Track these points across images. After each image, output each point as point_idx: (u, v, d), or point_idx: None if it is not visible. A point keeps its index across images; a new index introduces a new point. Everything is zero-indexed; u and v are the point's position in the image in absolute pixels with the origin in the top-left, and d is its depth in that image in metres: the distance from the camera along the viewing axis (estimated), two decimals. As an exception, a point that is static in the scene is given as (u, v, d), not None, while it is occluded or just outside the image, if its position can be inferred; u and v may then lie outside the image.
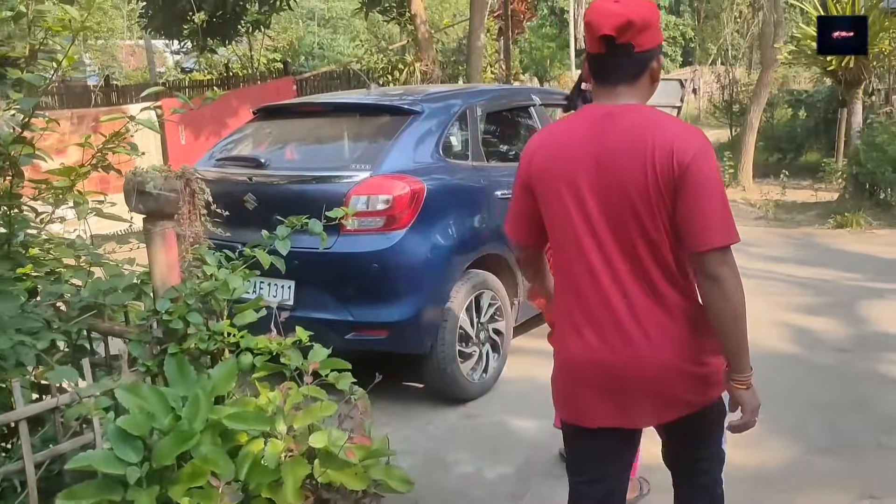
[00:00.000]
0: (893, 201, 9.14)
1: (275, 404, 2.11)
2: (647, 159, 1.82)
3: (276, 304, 3.84)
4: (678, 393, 1.93)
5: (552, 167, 1.95)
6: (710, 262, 1.84)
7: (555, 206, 1.96)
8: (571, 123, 2.00)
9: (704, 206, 1.82)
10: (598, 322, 1.93)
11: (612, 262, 1.90)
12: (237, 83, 14.96)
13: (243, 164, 4.31)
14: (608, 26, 1.85)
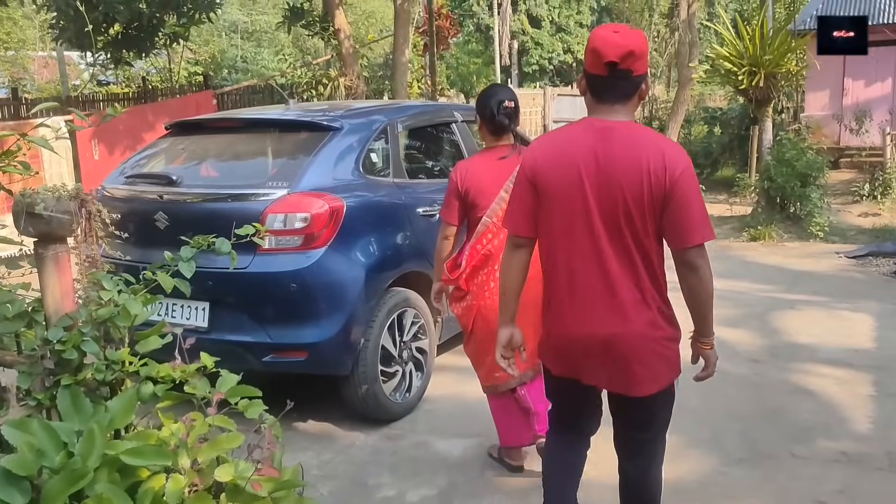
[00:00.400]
0: (802, 215, 9.52)
1: (178, 437, 1.99)
2: (643, 171, 2.20)
3: (191, 327, 3.74)
4: (642, 365, 2.33)
5: (557, 168, 2.29)
6: (692, 255, 2.26)
7: (558, 201, 2.30)
8: (574, 132, 2.34)
9: (689, 212, 2.24)
10: (591, 304, 2.32)
11: (606, 256, 2.27)
12: (155, 97, 14.55)
13: (154, 182, 4.15)
14: (613, 54, 2.19)
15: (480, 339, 3.35)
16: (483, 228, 3.30)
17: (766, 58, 10.15)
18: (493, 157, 3.33)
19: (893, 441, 3.74)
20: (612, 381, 2.40)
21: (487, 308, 3.29)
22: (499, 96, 3.35)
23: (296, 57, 28.21)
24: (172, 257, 2.22)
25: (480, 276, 3.35)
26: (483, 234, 3.31)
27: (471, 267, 3.34)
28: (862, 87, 14.53)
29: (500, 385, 3.41)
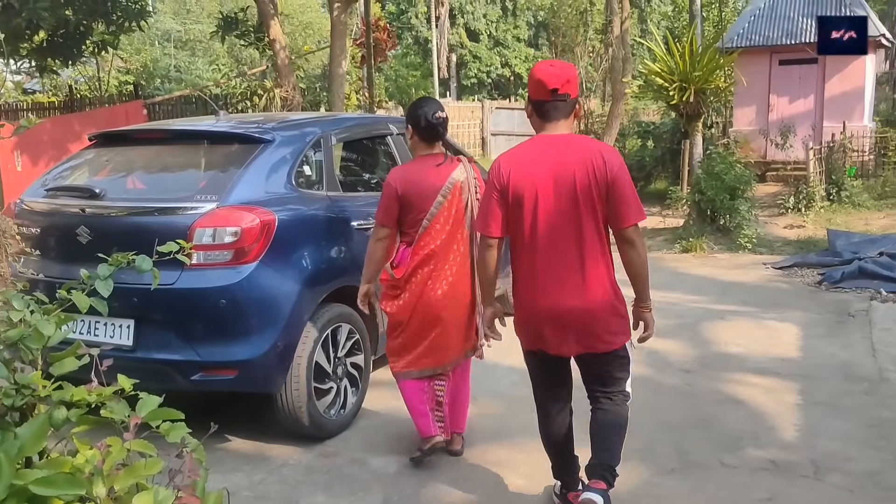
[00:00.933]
0: (732, 227, 9.78)
1: (93, 464, 1.90)
2: (589, 170, 2.81)
3: (113, 346, 3.60)
4: (602, 327, 2.92)
5: (522, 178, 2.86)
6: (630, 233, 2.86)
7: (526, 206, 2.86)
8: (531, 148, 2.94)
9: (626, 199, 2.84)
10: (561, 284, 2.88)
11: (568, 244, 2.86)
12: (83, 106, 14.13)
13: (77, 195, 4.01)
14: (554, 83, 2.85)
15: (417, 330, 3.61)
16: (423, 231, 3.54)
17: (695, 74, 10.43)
18: (429, 163, 3.59)
19: (818, 449, 3.85)
20: (582, 344, 2.94)
21: (426, 304, 3.56)
22: (431, 107, 3.61)
23: (231, 67, 27.79)
24: (89, 275, 2.12)
25: (419, 274, 3.57)
26: (424, 236, 3.55)
27: (412, 266, 3.56)
28: (786, 104, 15.08)
29: (426, 370, 3.67)
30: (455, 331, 3.64)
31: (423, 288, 3.56)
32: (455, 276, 3.60)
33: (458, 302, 3.61)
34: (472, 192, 3.61)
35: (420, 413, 3.71)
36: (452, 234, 3.57)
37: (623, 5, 12.57)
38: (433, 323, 3.58)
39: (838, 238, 8.96)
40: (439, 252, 3.54)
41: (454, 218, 3.56)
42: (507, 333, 5.69)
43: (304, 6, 32.43)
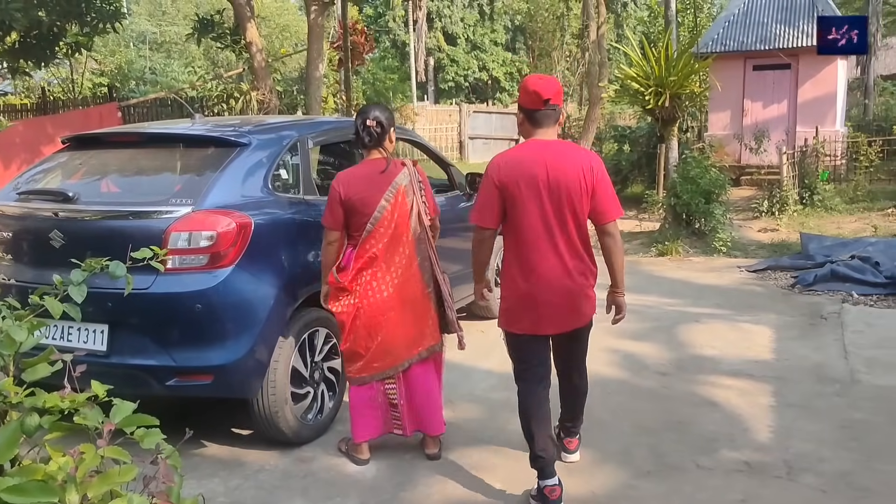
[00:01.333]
0: (707, 230, 9.88)
1: (66, 471, 1.87)
2: (579, 171, 3.21)
3: (86, 352, 3.56)
4: (581, 307, 3.35)
5: (519, 177, 3.22)
6: (610, 227, 3.32)
7: (520, 201, 3.22)
8: (526, 150, 3.29)
9: (609, 198, 3.29)
10: (550, 271, 3.26)
11: (555, 234, 3.24)
12: (57, 108, 13.97)
13: (49, 198, 3.95)
14: (547, 93, 3.23)
15: (362, 336, 3.67)
16: (367, 234, 3.62)
17: (671, 79, 10.52)
18: (372, 168, 3.69)
19: (791, 450, 3.89)
20: (563, 323, 3.36)
21: (371, 306, 3.65)
22: (364, 115, 3.73)
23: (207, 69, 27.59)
24: (62, 281, 2.09)
25: (364, 276, 3.65)
26: (368, 240, 3.62)
27: (356, 269, 3.63)
28: (760, 109, 15.27)
29: (376, 374, 3.73)
30: (403, 333, 3.70)
31: (367, 290, 3.64)
32: (401, 279, 3.68)
33: (405, 304, 3.69)
34: (416, 194, 3.71)
35: (360, 415, 3.78)
36: (397, 237, 3.66)
37: (599, 10, 12.67)
38: (379, 326, 3.65)
39: (811, 241, 9.08)
40: (383, 255, 3.63)
41: (398, 221, 3.65)
42: (483, 340, 5.71)
43: (281, 9, 32.32)
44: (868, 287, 7.14)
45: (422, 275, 3.74)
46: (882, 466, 3.69)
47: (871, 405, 4.47)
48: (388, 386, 3.78)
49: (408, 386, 3.79)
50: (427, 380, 3.84)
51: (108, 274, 2.17)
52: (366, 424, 3.79)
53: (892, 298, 6.85)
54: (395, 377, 3.77)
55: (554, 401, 3.56)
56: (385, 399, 3.80)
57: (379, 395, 3.79)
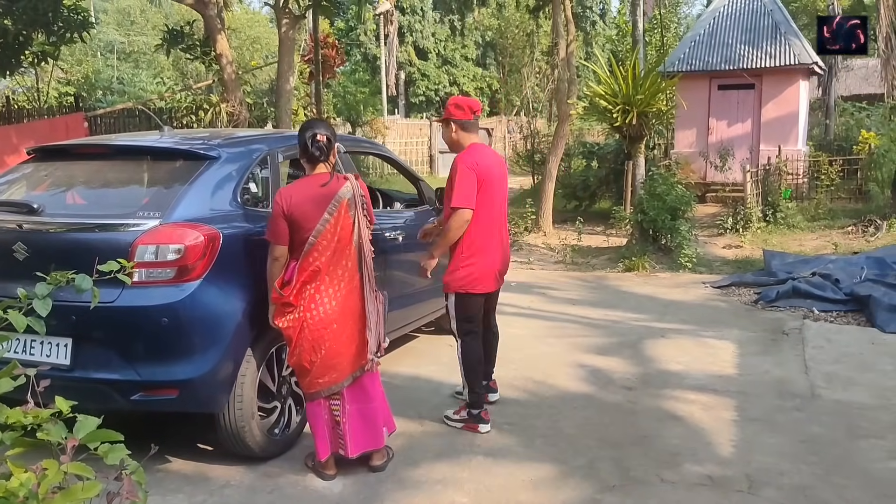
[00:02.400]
0: (673, 246, 10.02)
1: (27, 487, 1.85)
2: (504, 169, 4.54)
3: (49, 366, 3.52)
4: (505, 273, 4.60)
5: (486, 168, 4.30)
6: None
7: (487, 188, 4.28)
8: (481, 149, 4.39)
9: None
10: (501, 245, 4.46)
11: (503, 215, 4.50)
12: (21, 117, 13.74)
13: (13, 210, 3.90)
14: (475, 108, 4.42)
15: (307, 349, 3.66)
16: (310, 248, 3.61)
17: (638, 97, 10.69)
18: (314, 183, 3.69)
19: (753, 464, 3.96)
20: (500, 283, 4.58)
21: (315, 320, 3.64)
22: (313, 130, 3.75)
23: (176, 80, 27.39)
24: (26, 294, 2.07)
25: (308, 290, 3.65)
26: (310, 253, 3.62)
27: (300, 283, 3.63)
28: (725, 127, 15.57)
29: (322, 391, 3.72)
30: (346, 347, 3.71)
31: (311, 304, 3.64)
32: (344, 291, 3.70)
33: (347, 317, 3.70)
34: (358, 208, 3.71)
35: (318, 434, 3.78)
36: (340, 251, 3.67)
37: (569, 28, 12.81)
38: (323, 339, 3.65)
39: (774, 258, 9.26)
40: (326, 268, 3.64)
41: (341, 234, 3.66)
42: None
43: (252, 21, 32.22)
44: (828, 304, 7.30)
45: (362, 289, 3.76)
46: (840, 480, 3.77)
47: (830, 419, 4.56)
48: (332, 403, 3.76)
49: (351, 401, 3.77)
50: (371, 392, 3.84)
51: (73, 287, 2.16)
52: (322, 437, 3.78)
53: (852, 315, 7.01)
54: (339, 394, 3.74)
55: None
56: (330, 417, 3.77)
57: (325, 413, 3.76)
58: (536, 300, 7.86)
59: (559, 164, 13.55)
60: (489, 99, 39.04)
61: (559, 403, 4.86)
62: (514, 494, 3.65)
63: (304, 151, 3.75)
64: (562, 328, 6.70)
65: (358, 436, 3.78)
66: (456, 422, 4.49)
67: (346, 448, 3.77)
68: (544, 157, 15.29)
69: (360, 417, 3.79)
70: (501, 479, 3.80)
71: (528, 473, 3.86)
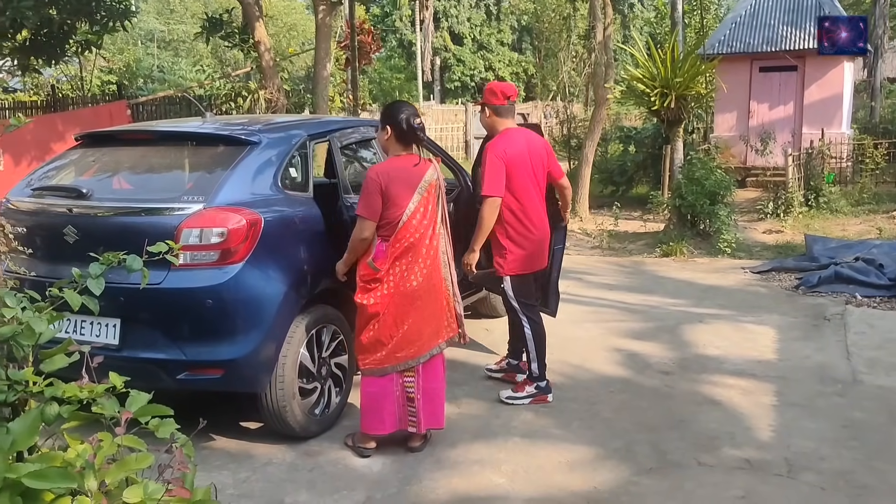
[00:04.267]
0: (711, 231, 9.91)
1: (84, 458, 1.93)
2: (543, 148, 4.61)
3: (100, 345, 3.63)
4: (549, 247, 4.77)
5: (518, 157, 4.42)
6: (564, 180, 4.76)
7: (521, 177, 4.43)
8: (514, 134, 4.49)
9: (558, 163, 4.77)
10: (540, 223, 4.56)
11: (539, 196, 4.56)
12: (66, 105, 14.05)
13: (63, 194, 4.02)
14: (509, 93, 4.54)
15: (389, 324, 3.77)
16: (402, 225, 3.74)
17: (676, 80, 10.53)
18: (406, 164, 3.82)
19: (792, 448, 3.94)
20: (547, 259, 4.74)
21: (402, 295, 3.77)
22: (408, 112, 3.86)
23: (215, 68, 27.70)
24: (80, 274, 2.16)
25: (399, 266, 3.77)
26: (403, 230, 3.74)
27: (392, 258, 3.75)
28: (766, 110, 15.29)
29: (399, 364, 3.82)
30: (427, 322, 3.83)
31: (399, 280, 3.77)
32: (429, 269, 3.83)
33: (430, 294, 3.84)
34: (441, 190, 3.94)
35: (373, 408, 3.86)
36: (427, 229, 3.82)
37: (606, 11, 12.68)
38: (407, 314, 3.78)
39: (815, 243, 9.11)
40: (417, 245, 3.77)
41: (429, 214, 3.82)
42: (489, 338, 5.77)
43: (289, 8, 32.43)
44: (871, 289, 7.17)
45: (442, 268, 3.92)
46: (882, 465, 3.74)
47: (872, 405, 4.51)
48: (406, 379, 3.86)
49: (425, 378, 3.88)
50: (440, 373, 3.97)
51: (124, 268, 2.23)
52: (378, 418, 3.85)
53: (895, 300, 6.88)
54: (414, 370, 3.84)
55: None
56: (403, 393, 3.86)
57: (396, 389, 3.86)
58: (573, 285, 7.83)
59: (596, 149, 13.45)
60: (525, 84, 38.80)
61: (596, 387, 4.87)
62: (550, 475, 3.68)
63: (402, 133, 3.82)
64: (598, 313, 6.69)
65: (428, 413, 3.89)
66: (522, 398, 4.56)
67: (418, 424, 3.87)
68: (580, 141, 15.18)
69: (429, 395, 3.90)
70: (538, 460, 3.84)
71: (565, 455, 3.89)
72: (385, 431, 3.88)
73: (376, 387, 3.84)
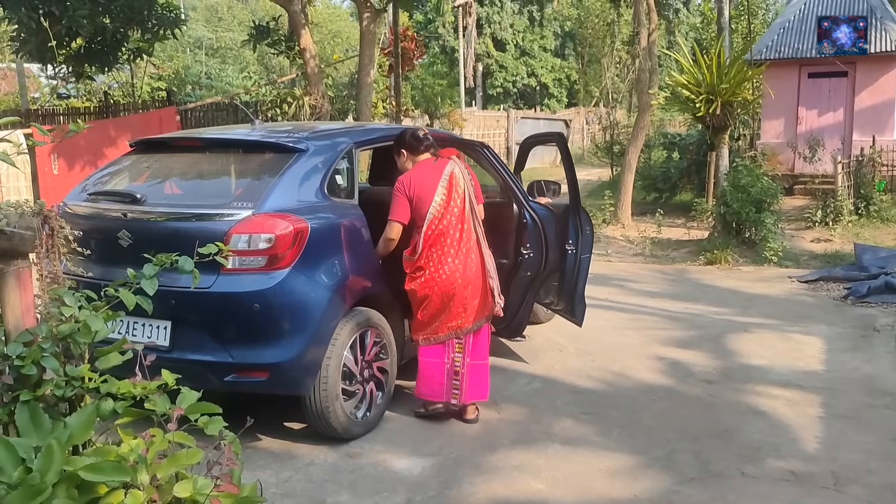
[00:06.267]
0: (757, 239, 9.76)
1: (137, 453, 2.01)
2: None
3: (152, 346, 3.73)
4: None
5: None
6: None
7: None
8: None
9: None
10: None
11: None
12: (117, 111, 14.42)
13: (118, 199, 4.15)
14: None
15: (436, 303, 4.22)
16: (431, 218, 4.18)
17: (722, 86, 10.42)
18: (425, 165, 4.29)
19: (839, 461, 3.87)
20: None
21: (443, 277, 4.19)
22: (411, 129, 4.45)
23: (261, 75, 28.16)
24: (135, 274, 2.23)
25: (434, 253, 4.19)
26: (431, 222, 4.18)
27: (426, 247, 4.18)
28: (815, 117, 14.99)
29: (451, 333, 4.27)
30: (471, 299, 4.26)
31: (438, 264, 4.19)
32: (465, 251, 4.23)
33: (469, 273, 4.24)
34: (465, 179, 4.29)
35: (427, 376, 4.32)
36: (456, 217, 4.22)
37: (651, 17, 12.59)
38: (451, 293, 4.20)
39: (865, 252, 8.91)
40: (446, 232, 4.19)
41: (456, 202, 4.22)
42: (528, 345, 5.77)
43: (334, 15, 32.82)
44: (924, 300, 6.99)
45: (479, 249, 4.30)
46: (932, 480, 3.65)
47: (923, 419, 4.41)
48: (455, 354, 4.29)
49: (472, 354, 4.32)
50: (485, 349, 4.43)
51: (176, 269, 2.31)
52: (429, 386, 4.32)
53: (949, 312, 6.70)
54: (463, 341, 4.28)
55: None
56: (452, 367, 4.30)
57: (447, 362, 4.29)
58: (614, 292, 7.79)
59: (639, 156, 13.34)
60: (567, 90, 38.62)
61: (637, 395, 4.84)
62: (590, 483, 3.67)
63: (409, 145, 4.33)
64: (640, 320, 6.64)
65: (472, 387, 4.32)
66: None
67: (461, 396, 4.31)
68: (623, 148, 15.09)
69: (475, 371, 4.33)
70: (578, 467, 3.84)
71: (605, 463, 3.88)
72: (433, 398, 4.33)
73: (430, 355, 4.29)
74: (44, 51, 10.77)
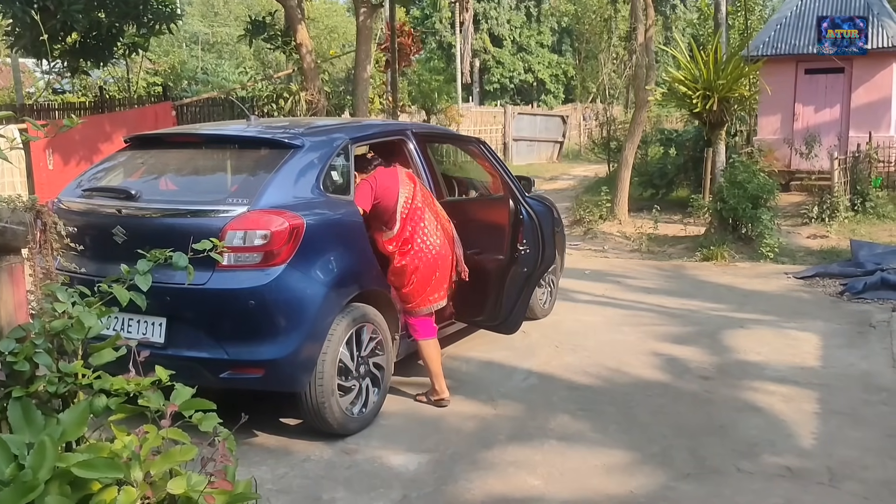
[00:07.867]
0: (754, 236, 9.76)
1: (130, 449, 1.99)
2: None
3: (147, 343, 3.72)
4: None
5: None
6: None
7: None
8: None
9: None
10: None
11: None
12: (113, 107, 14.37)
13: (113, 195, 4.12)
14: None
15: (424, 274, 4.42)
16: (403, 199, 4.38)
17: (719, 82, 10.41)
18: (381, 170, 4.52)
19: (835, 456, 3.87)
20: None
21: (425, 250, 4.41)
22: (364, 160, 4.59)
23: (257, 70, 28.09)
24: (129, 270, 2.22)
25: (412, 227, 4.38)
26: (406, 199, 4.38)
27: (403, 225, 4.36)
28: (812, 113, 14.98)
29: (434, 306, 4.54)
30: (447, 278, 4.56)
31: (420, 237, 4.41)
32: (440, 235, 4.48)
33: (445, 258, 4.52)
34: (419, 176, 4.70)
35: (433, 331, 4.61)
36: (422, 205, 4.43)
37: (648, 13, 12.55)
38: (434, 266, 4.44)
39: (861, 249, 8.92)
40: (422, 208, 4.41)
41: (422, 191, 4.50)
42: (525, 340, 5.76)
43: (330, 10, 32.72)
44: (920, 296, 6.99)
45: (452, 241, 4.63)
46: (928, 476, 3.66)
47: (919, 415, 4.41)
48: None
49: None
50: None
51: (170, 265, 2.30)
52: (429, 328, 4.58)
53: (945, 308, 6.71)
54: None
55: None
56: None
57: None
58: (611, 288, 7.79)
59: (636, 152, 13.32)
60: (564, 86, 38.59)
61: (633, 391, 4.84)
62: (586, 479, 3.67)
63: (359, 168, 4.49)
64: (636, 316, 6.64)
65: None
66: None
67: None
68: (620, 144, 15.06)
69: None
70: (574, 463, 3.83)
71: (601, 459, 3.88)
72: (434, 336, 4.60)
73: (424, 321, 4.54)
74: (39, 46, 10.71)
